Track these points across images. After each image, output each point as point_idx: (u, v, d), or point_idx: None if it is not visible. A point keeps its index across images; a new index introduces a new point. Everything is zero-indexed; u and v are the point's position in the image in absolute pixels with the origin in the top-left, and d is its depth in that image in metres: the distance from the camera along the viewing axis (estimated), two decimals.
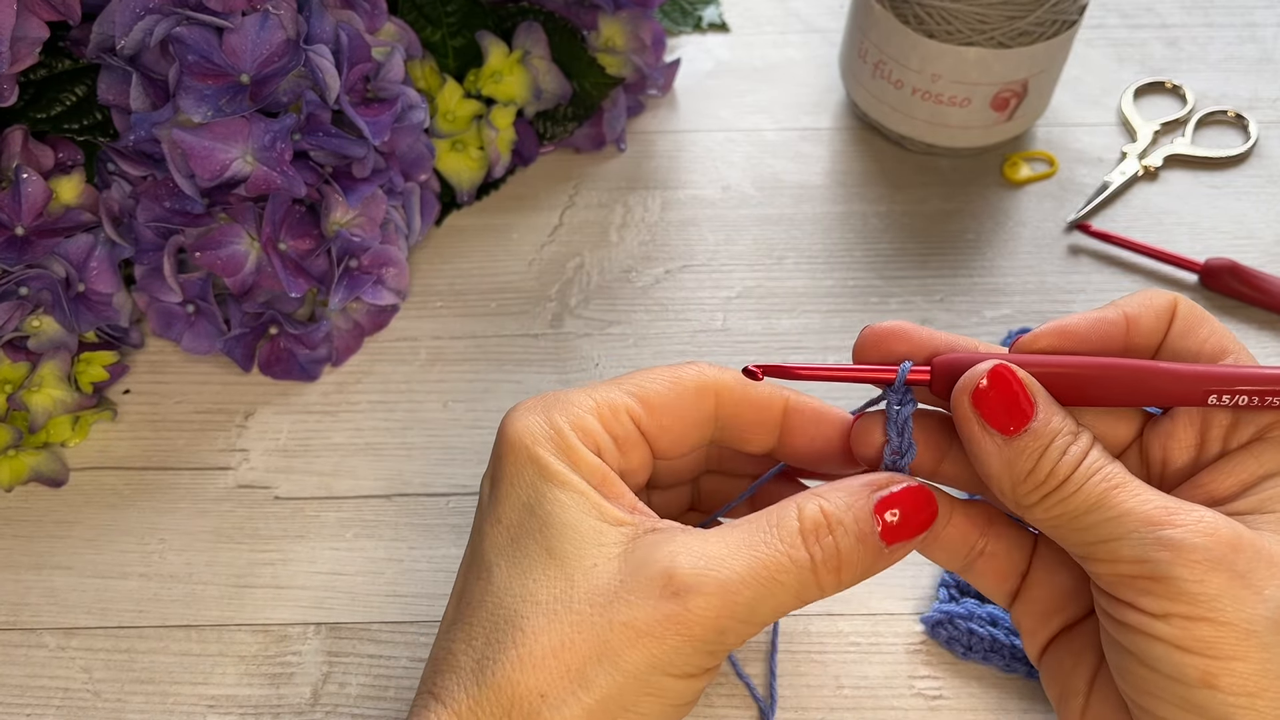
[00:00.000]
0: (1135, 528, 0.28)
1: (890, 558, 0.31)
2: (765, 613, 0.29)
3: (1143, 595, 0.27)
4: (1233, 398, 0.29)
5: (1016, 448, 0.29)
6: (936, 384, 0.31)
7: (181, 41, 0.40)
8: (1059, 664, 0.33)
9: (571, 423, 0.31)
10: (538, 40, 0.52)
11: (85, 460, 0.46)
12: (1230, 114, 0.58)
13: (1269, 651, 0.26)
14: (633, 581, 0.29)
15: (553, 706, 0.28)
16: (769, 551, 0.29)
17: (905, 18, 0.50)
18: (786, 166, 0.56)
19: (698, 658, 0.29)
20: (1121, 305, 0.31)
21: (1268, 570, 0.27)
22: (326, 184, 0.44)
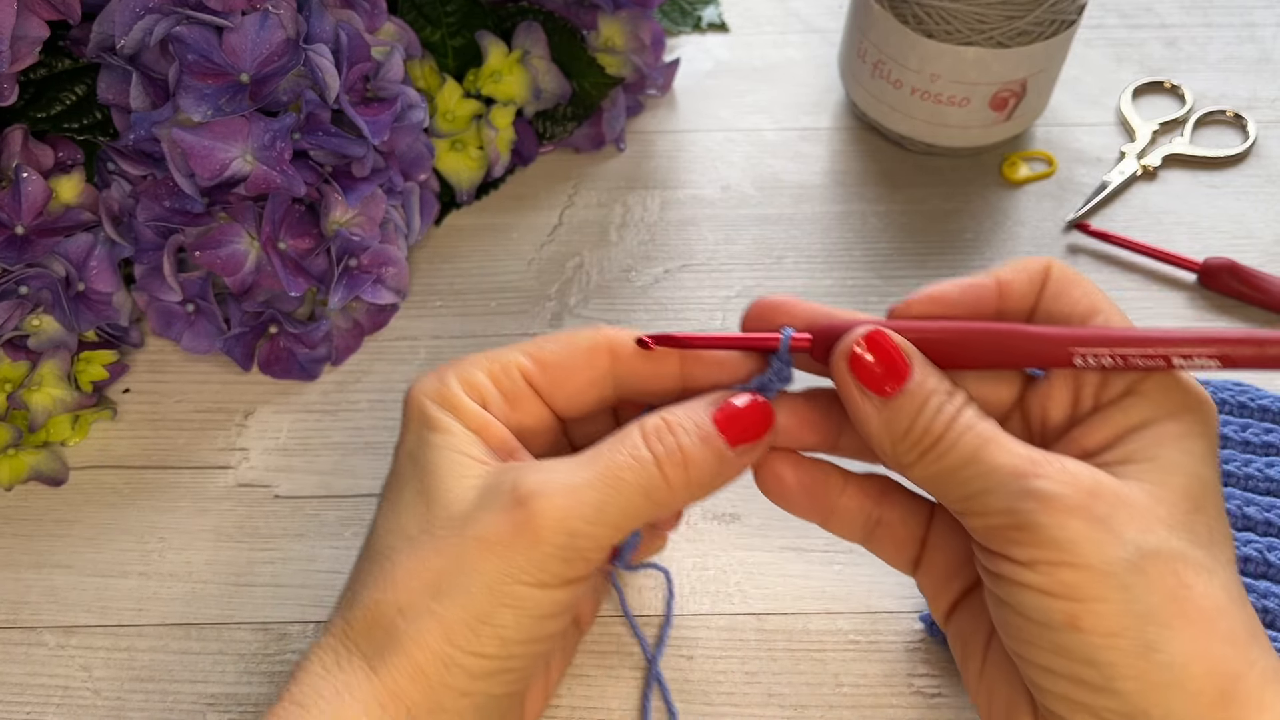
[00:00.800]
0: (1004, 480, 0.28)
1: (736, 463, 0.31)
2: (614, 513, 0.30)
3: (1012, 545, 0.28)
4: (1097, 359, 0.30)
5: (893, 408, 0.30)
6: (817, 350, 0.32)
7: (181, 41, 0.40)
8: (960, 628, 0.34)
9: (460, 378, 0.33)
10: (537, 40, 0.52)
11: (85, 459, 0.46)
12: (1229, 114, 0.58)
13: (1128, 592, 0.27)
14: (483, 501, 0.30)
15: (409, 619, 0.29)
16: (611, 454, 0.30)
17: (904, 17, 0.50)
18: (786, 166, 0.56)
19: (552, 565, 0.29)
20: (995, 271, 0.32)
21: (1127, 515, 0.28)
22: (326, 183, 0.44)
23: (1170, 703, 0.27)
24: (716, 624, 0.41)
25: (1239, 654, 0.28)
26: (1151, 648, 0.27)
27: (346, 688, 0.29)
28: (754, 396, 0.32)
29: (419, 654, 0.29)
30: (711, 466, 0.31)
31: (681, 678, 0.39)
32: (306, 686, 0.30)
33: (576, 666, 0.40)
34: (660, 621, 0.41)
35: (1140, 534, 0.28)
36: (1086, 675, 0.28)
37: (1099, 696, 0.28)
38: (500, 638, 0.29)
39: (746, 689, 0.39)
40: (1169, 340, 0.30)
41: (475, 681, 0.30)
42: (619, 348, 0.34)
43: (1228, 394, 0.45)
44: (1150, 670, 0.27)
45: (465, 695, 0.30)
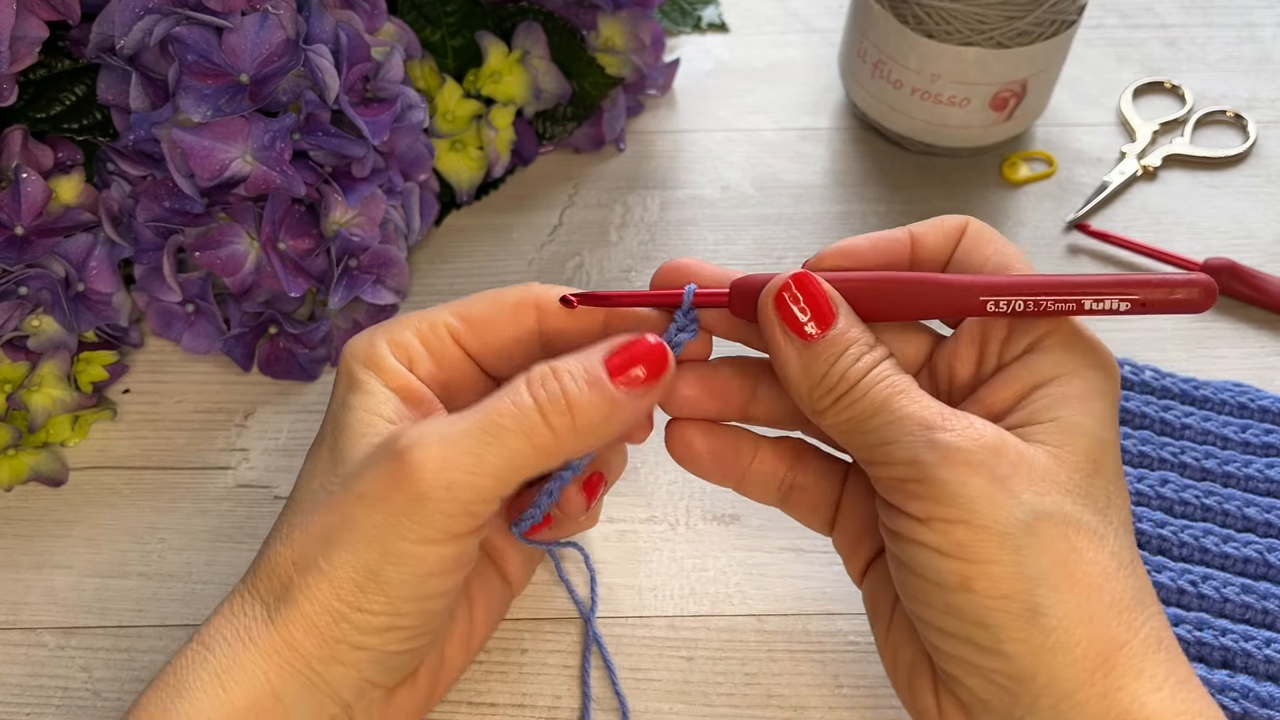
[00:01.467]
0: (910, 429, 0.29)
1: (629, 406, 0.31)
2: (495, 461, 0.29)
3: (910, 499, 0.29)
4: (1009, 304, 0.30)
5: (814, 352, 0.30)
6: (735, 303, 0.32)
7: (181, 41, 0.40)
8: (872, 587, 0.34)
9: (388, 338, 0.33)
10: (537, 40, 0.52)
11: (85, 460, 0.46)
12: (1229, 114, 0.58)
13: (1020, 554, 0.27)
14: (369, 458, 0.30)
15: (301, 572, 0.30)
16: (493, 404, 0.30)
17: (904, 18, 0.50)
18: (786, 166, 0.56)
19: (435, 519, 0.29)
20: (910, 226, 0.33)
21: (1027, 476, 0.28)
22: (326, 184, 0.44)
23: (1055, 667, 0.27)
24: (716, 625, 0.41)
25: (1123, 620, 0.28)
26: (1038, 611, 0.27)
27: (248, 633, 0.30)
28: (647, 337, 0.32)
29: (309, 607, 0.30)
30: (600, 410, 0.31)
31: (681, 679, 0.39)
32: (214, 630, 0.31)
33: (576, 667, 0.40)
34: (635, 622, 0.41)
35: (1036, 496, 0.28)
36: (977, 637, 0.28)
37: (988, 658, 0.28)
38: (387, 595, 0.29)
39: (746, 690, 0.39)
40: (1080, 284, 0.30)
41: (366, 637, 0.30)
42: (545, 304, 0.34)
43: (1228, 395, 0.45)
44: (1036, 634, 0.27)
45: (359, 649, 0.30)
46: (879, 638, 0.34)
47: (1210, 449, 0.43)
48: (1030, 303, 0.30)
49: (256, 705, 0.30)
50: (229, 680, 0.30)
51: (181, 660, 0.31)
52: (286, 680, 0.30)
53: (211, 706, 0.29)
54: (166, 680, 0.30)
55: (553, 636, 0.41)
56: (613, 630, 0.41)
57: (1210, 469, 0.43)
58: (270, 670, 0.30)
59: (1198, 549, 0.41)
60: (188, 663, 0.30)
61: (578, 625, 0.41)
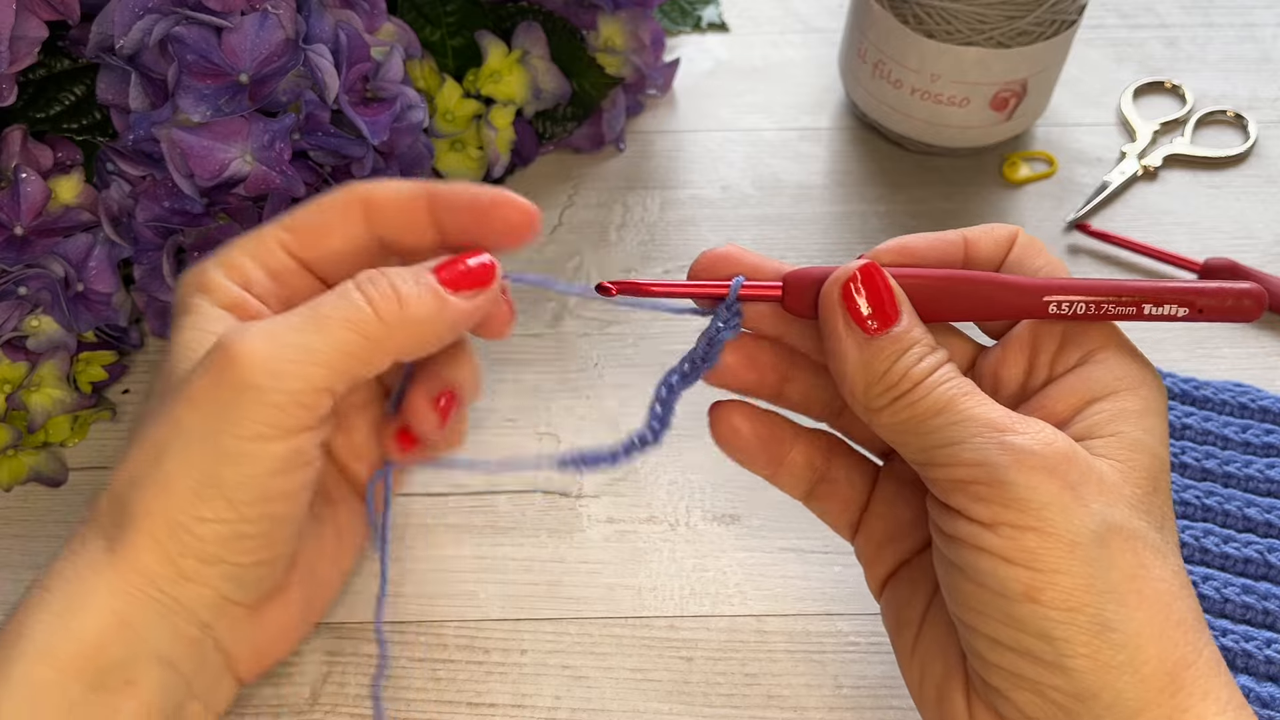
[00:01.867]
0: (979, 431, 0.28)
1: (459, 308, 0.31)
2: (323, 349, 0.29)
3: (975, 502, 0.28)
4: (1071, 306, 0.30)
5: (875, 348, 0.29)
6: (789, 298, 0.32)
7: (180, 41, 0.39)
8: (896, 597, 0.33)
9: (219, 262, 0.32)
10: (537, 40, 0.52)
11: (84, 460, 0.46)
12: (1229, 114, 0.58)
13: (1091, 566, 0.27)
14: (198, 363, 0.30)
15: (138, 487, 0.29)
16: (319, 299, 0.30)
17: (904, 18, 0.50)
18: (786, 166, 0.56)
19: (265, 412, 0.29)
20: (963, 230, 0.32)
21: (1097, 487, 0.27)
22: (326, 184, 0.44)
23: (1120, 685, 0.27)
24: (716, 625, 0.41)
25: (1189, 640, 0.27)
26: (1108, 626, 0.27)
27: (90, 567, 0.29)
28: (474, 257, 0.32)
29: (148, 524, 0.29)
30: (428, 304, 0.30)
31: (681, 679, 0.39)
32: (53, 572, 0.30)
33: (576, 667, 0.40)
34: (635, 622, 0.41)
35: (1107, 507, 0.27)
36: (1038, 650, 0.27)
37: (1047, 673, 0.27)
38: (227, 499, 0.29)
39: (746, 690, 0.39)
40: (1141, 288, 0.30)
41: (212, 547, 0.29)
42: (372, 199, 0.33)
43: (1228, 395, 0.45)
44: (1104, 650, 0.27)
45: (207, 564, 0.29)
46: (903, 650, 0.33)
47: (1210, 449, 0.43)
48: (1092, 305, 0.30)
49: (104, 635, 0.28)
50: (72, 617, 0.29)
51: (23, 606, 0.29)
52: (134, 607, 0.29)
53: (57, 643, 0.28)
54: (8, 628, 0.29)
55: (553, 636, 0.41)
56: (613, 630, 0.41)
57: (1210, 469, 0.43)
58: (116, 599, 0.29)
59: (1198, 549, 0.41)
60: (29, 607, 0.29)
61: (578, 625, 0.41)
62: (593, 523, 0.44)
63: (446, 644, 0.41)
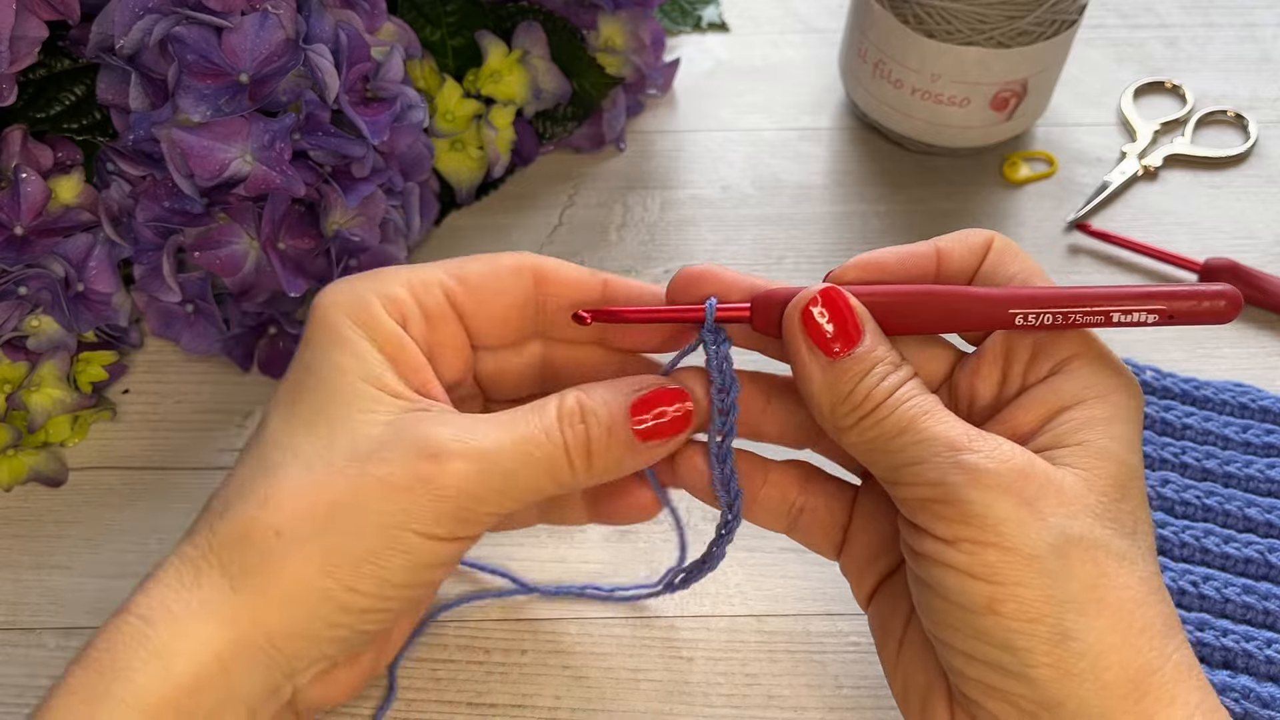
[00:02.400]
0: (938, 451, 0.28)
1: (645, 453, 0.31)
2: (521, 485, 0.30)
3: (938, 520, 0.28)
4: (1037, 317, 0.30)
5: (839, 369, 0.30)
6: (757, 318, 0.32)
7: (181, 41, 0.39)
8: (881, 610, 0.34)
9: (378, 291, 0.32)
10: (537, 40, 0.52)
11: (84, 460, 0.46)
12: (1230, 114, 0.58)
13: (1050, 578, 0.27)
14: (394, 443, 0.29)
15: (287, 543, 0.28)
16: (527, 426, 0.30)
17: (905, 18, 0.50)
18: (786, 166, 0.56)
19: (449, 521, 0.29)
20: (936, 240, 0.32)
21: (1056, 499, 0.28)
22: (326, 183, 0.44)
23: (1083, 692, 0.27)
24: (717, 625, 0.41)
25: (1154, 646, 0.27)
26: (1068, 636, 0.27)
27: (201, 605, 0.28)
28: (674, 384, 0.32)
29: (291, 580, 0.28)
30: (616, 457, 0.31)
31: (681, 679, 0.39)
32: (155, 599, 0.29)
33: (576, 667, 0.40)
34: (636, 622, 0.41)
35: (1066, 520, 0.27)
36: (1003, 661, 0.28)
37: (1015, 683, 0.28)
38: (380, 578, 0.29)
39: (747, 691, 0.39)
40: (1109, 295, 0.30)
41: (344, 615, 0.29)
42: (544, 271, 0.33)
43: (1229, 395, 0.45)
44: (1065, 659, 0.27)
45: (331, 627, 0.29)
46: (888, 661, 0.33)
47: (1211, 449, 0.43)
48: (1059, 315, 0.30)
49: (202, 681, 0.28)
50: (173, 657, 0.28)
51: (116, 635, 0.28)
52: (239, 654, 0.28)
53: (153, 688, 0.27)
54: (98, 659, 0.28)
55: (553, 636, 0.41)
56: (613, 630, 0.41)
57: (1211, 469, 0.43)
58: (223, 643, 0.28)
59: (1199, 549, 0.41)
60: (124, 639, 0.28)
61: (578, 625, 0.41)
62: None
63: (446, 644, 0.41)
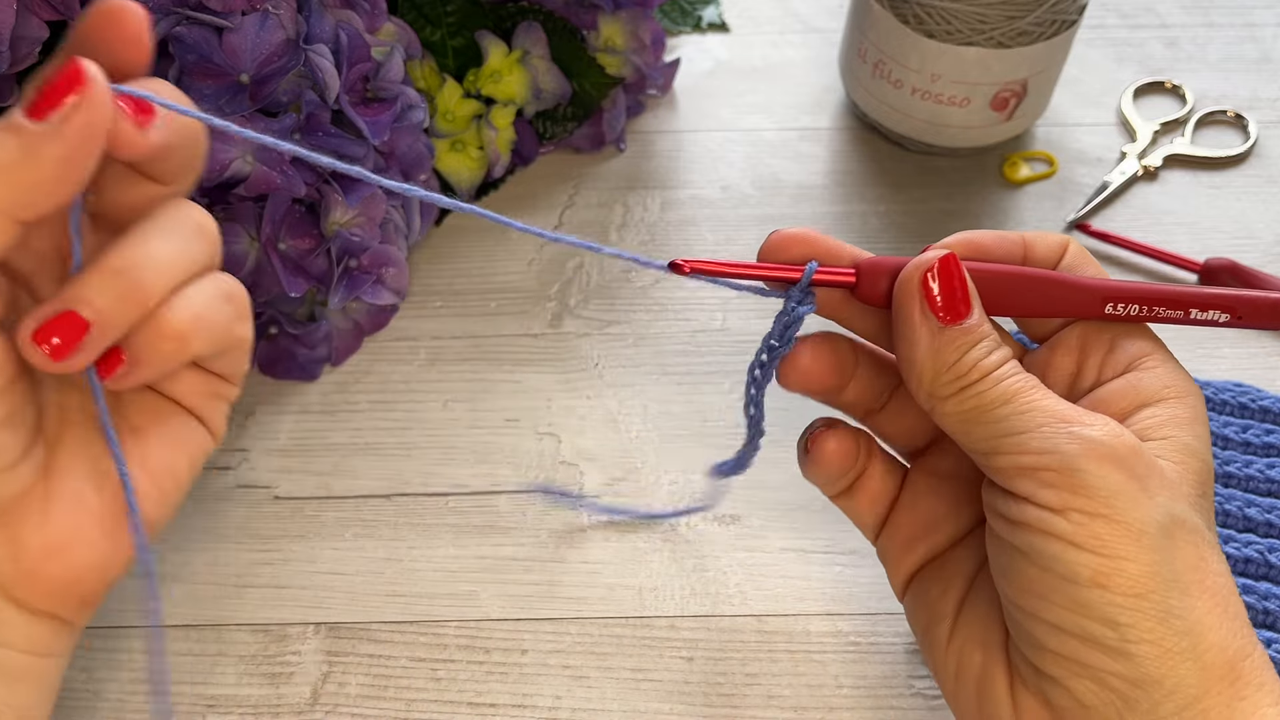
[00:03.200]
0: (1046, 421, 0.29)
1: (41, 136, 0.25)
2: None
3: (1044, 488, 0.28)
4: (1126, 307, 0.32)
5: (946, 338, 0.30)
6: (863, 285, 0.32)
7: (181, 41, 0.39)
8: (926, 594, 0.34)
9: None
10: (537, 40, 0.52)
11: None
12: (1230, 114, 0.58)
13: (1157, 554, 0.27)
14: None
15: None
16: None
17: (905, 18, 0.50)
18: (786, 166, 0.56)
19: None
20: (1023, 232, 0.33)
21: (1160, 480, 0.28)
22: (326, 184, 0.44)
23: (1182, 671, 0.27)
24: (717, 625, 0.41)
25: (1246, 634, 0.28)
26: (1173, 614, 0.27)
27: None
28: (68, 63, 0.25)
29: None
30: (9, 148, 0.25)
31: (681, 679, 0.39)
32: None
33: (576, 667, 0.40)
34: (635, 622, 0.41)
35: (1170, 500, 0.28)
36: (1101, 636, 0.27)
37: (1109, 659, 0.27)
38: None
39: (747, 691, 0.39)
40: (1189, 294, 0.32)
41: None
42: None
43: (1229, 395, 0.45)
44: (1169, 636, 0.27)
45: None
46: (936, 646, 0.33)
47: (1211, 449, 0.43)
48: (1145, 308, 0.31)
49: None
50: None
51: None
52: None
53: None
54: None
55: (552, 636, 0.41)
56: (613, 630, 0.41)
57: None
58: None
59: None
60: None
61: (578, 625, 0.41)
62: (593, 523, 0.44)
63: (446, 644, 0.41)
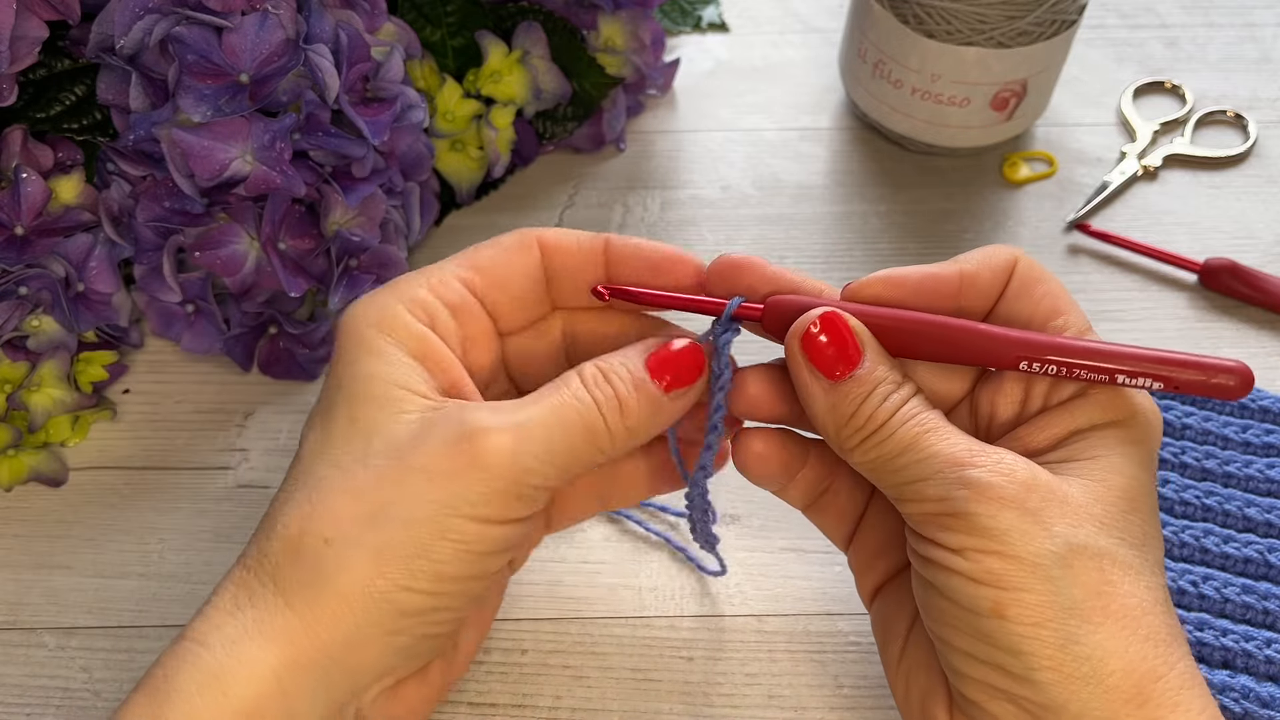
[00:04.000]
0: (941, 468, 0.29)
1: (670, 405, 0.31)
2: (562, 451, 0.30)
3: (943, 531, 0.29)
4: (1042, 366, 0.30)
5: (841, 392, 0.30)
6: (768, 321, 0.32)
7: (181, 41, 0.39)
8: (885, 608, 0.34)
9: (400, 297, 0.31)
10: (537, 40, 0.52)
11: (85, 460, 0.46)
12: (1229, 114, 0.58)
13: (1054, 584, 0.28)
14: (430, 433, 0.29)
15: (337, 549, 0.28)
16: (556, 395, 0.30)
17: (905, 18, 0.50)
18: (786, 166, 0.56)
19: (498, 500, 0.29)
20: (960, 261, 0.32)
21: (1059, 510, 0.28)
22: (326, 184, 0.44)
23: (1086, 696, 0.27)
24: (717, 625, 0.41)
25: (1159, 654, 0.28)
26: (1071, 640, 0.27)
27: (256, 624, 0.28)
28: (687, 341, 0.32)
29: (346, 586, 0.28)
30: (647, 411, 0.31)
31: (681, 679, 0.39)
32: (210, 623, 0.28)
33: (576, 667, 0.40)
34: (635, 622, 0.41)
35: (1070, 529, 0.28)
36: (1007, 663, 0.28)
37: (1018, 685, 0.28)
38: (435, 573, 0.28)
39: (747, 690, 0.39)
40: (1116, 355, 0.30)
41: (404, 619, 0.29)
42: (547, 241, 0.33)
43: None
44: (1068, 662, 0.27)
45: (391, 634, 0.29)
46: (889, 663, 0.33)
47: (1211, 449, 0.43)
48: (1063, 368, 0.30)
49: (261, 703, 0.27)
50: (229, 680, 0.27)
51: (171, 659, 0.28)
52: (297, 675, 0.28)
53: (209, 713, 0.27)
54: (154, 684, 0.28)
55: (553, 636, 0.41)
56: (613, 630, 0.41)
57: (1211, 469, 0.43)
58: (280, 663, 0.28)
59: (1198, 549, 0.41)
60: (179, 662, 0.28)
61: (578, 625, 0.41)
62: (593, 522, 0.44)
63: None
